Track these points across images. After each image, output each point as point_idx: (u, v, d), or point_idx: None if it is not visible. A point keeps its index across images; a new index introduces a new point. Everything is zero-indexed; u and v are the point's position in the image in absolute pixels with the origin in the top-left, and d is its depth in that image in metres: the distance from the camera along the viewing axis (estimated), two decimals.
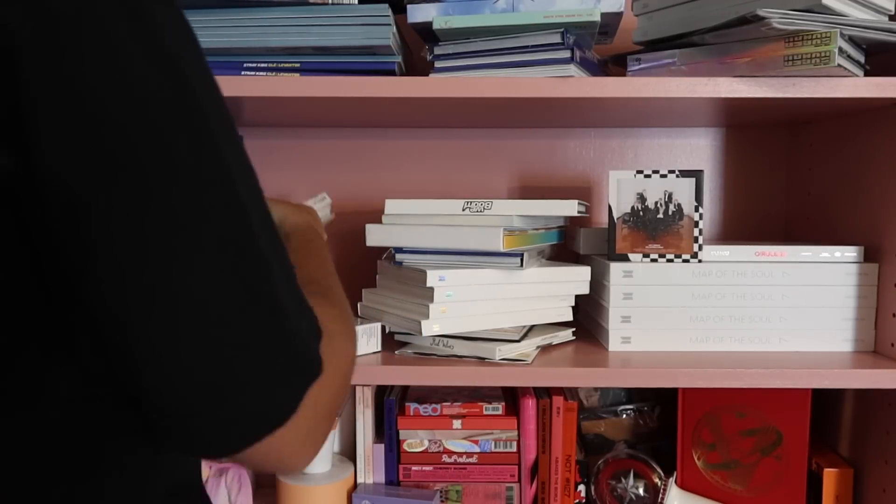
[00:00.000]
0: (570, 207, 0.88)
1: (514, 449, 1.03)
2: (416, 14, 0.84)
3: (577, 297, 0.97)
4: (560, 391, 1.03)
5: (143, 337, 0.34)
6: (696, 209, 0.89)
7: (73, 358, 0.38)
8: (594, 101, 0.85)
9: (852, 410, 1.00)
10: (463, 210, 0.88)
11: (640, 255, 0.90)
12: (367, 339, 0.89)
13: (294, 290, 0.40)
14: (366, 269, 1.19)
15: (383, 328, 0.91)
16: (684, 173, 0.89)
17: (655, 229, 0.90)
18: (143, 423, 0.36)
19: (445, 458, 1.03)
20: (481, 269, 0.87)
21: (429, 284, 0.83)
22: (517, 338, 0.89)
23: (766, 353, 0.89)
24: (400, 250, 0.90)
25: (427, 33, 0.85)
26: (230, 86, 0.81)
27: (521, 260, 0.86)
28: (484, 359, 0.86)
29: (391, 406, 1.03)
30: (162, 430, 0.36)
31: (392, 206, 0.89)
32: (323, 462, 1.03)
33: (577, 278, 0.94)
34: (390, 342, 0.95)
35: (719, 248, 0.90)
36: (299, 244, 0.66)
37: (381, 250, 1.18)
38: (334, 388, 0.43)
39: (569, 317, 0.94)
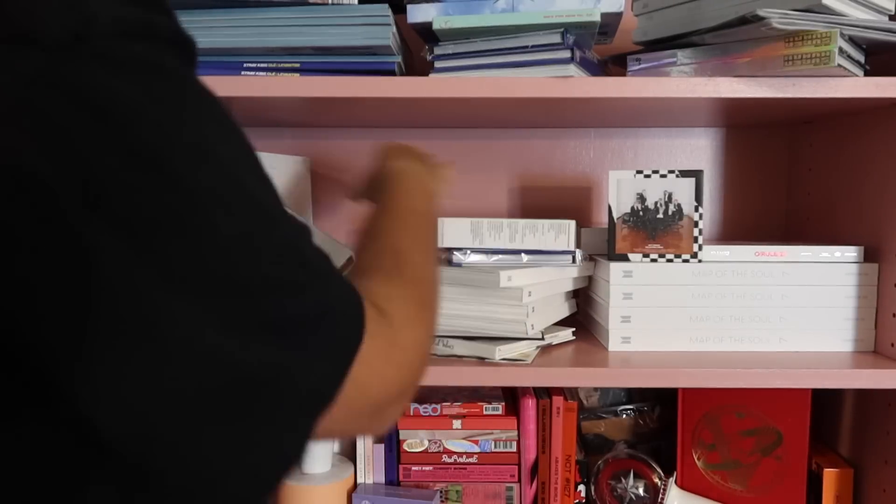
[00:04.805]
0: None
1: (514, 449, 1.03)
2: (416, 14, 0.84)
3: (577, 297, 0.97)
4: (560, 391, 1.03)
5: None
6: (696, 209, 0.89)
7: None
8: (594, 101, 0.85)
9: (852, 410, 1.00)
10: None
11: (640, 255, 0.90)
12: None
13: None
14: None
15: None
16: (684, 173, 0.89)
17: (655, 229, 0.90)
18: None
19: (445, 458, 1.03)
20: (540, 268, 0.90)
21: (502, 285, 0.84)
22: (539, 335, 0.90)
23: (766, 353, 0.89)
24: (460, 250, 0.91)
25: (427, 33, 0.85)
26: (230, 86, 0.80)
27: (574, 257, 0.90)
28: (484, 359, 0.86)
29: None
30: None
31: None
32: (323, 462, 1.03)
33: None
34: None
35: (719, 248, 0.90)
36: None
37: None
38: (387, 378, 0.41)
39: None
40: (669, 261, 0.90)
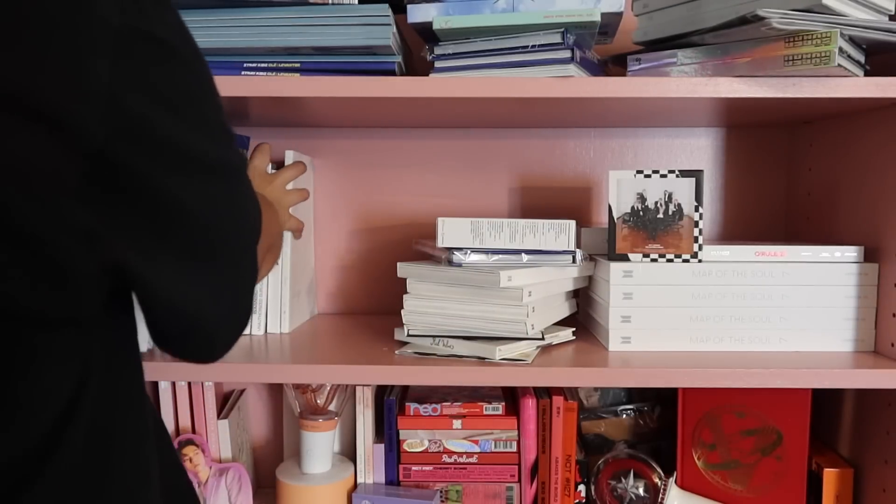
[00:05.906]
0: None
1: (514, 449, 1.03)
2: (416, 14, 0.84)
3: (577, 297, 0.97)
4: (560, 391, 1.03)
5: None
6: (696, 209, 0.89)
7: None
8: (594, 101, 0.85)
9: (852, 410, 1.00)
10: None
11: (640, 255, 0.90)
12: None
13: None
14: (367, 266, 1.19)
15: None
16: (684, 173, 0.89)
17: (655, 229, 0.90)
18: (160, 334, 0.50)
19: (445, 458, 1.03)
20: (540, 268, 0.89)
21: (502, 285, 0.84)
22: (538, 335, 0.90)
23: (766, 353, 0.89)
24: (461, 250, 0.90)
25: (427, 33, 0.85)
26: (230, 86, 0.81)
27: (574, 257, 0.90)
28: (484, 359, 0.86)
29: (391, 406, 1.03)
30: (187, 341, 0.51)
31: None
32: (323, 462, 1.03)
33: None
34: (390, 342, 0.95)
35: (719, 248, 0.90)
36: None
37: (387, 250, 1.18)
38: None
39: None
40: (669, 261, 0.90)
